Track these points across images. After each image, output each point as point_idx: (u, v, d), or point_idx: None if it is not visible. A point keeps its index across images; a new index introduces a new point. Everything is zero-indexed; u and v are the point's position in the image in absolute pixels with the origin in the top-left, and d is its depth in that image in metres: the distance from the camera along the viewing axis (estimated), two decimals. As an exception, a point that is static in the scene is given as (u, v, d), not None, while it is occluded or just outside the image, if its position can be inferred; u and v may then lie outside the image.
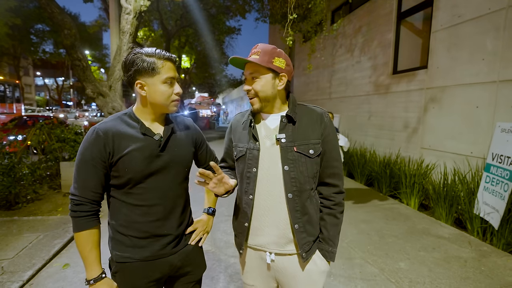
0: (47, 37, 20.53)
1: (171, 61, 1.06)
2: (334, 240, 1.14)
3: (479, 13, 3.80)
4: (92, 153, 1.00)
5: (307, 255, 1.11)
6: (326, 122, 1.13)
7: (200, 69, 24.00)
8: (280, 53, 1.10)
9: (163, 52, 1.04)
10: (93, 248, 1.03)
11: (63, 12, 4.86)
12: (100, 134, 1.01)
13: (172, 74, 1.05)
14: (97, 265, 1.03)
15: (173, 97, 1.07)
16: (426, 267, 2.66)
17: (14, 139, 5.09)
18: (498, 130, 3.31)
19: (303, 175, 1.09)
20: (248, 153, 1.15)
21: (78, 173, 1.01)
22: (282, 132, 1.11)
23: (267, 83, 1.08)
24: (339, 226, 1.16)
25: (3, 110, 12.59)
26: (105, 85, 5.19)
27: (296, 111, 1.14)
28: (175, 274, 1.18)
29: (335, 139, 1.15)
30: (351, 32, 6.99)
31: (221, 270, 2.58)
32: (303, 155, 1.09)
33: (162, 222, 1.09)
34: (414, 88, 4.93)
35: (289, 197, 1.09)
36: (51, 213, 3.86)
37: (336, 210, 1.14)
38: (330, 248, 1.14)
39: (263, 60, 1.06)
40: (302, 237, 1.10)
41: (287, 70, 1.11)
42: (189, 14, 13.75)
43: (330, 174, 1.15)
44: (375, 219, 3.81)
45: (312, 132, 1.11)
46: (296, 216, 1.10)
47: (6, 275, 2.37)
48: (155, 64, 1.01)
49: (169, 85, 1.05)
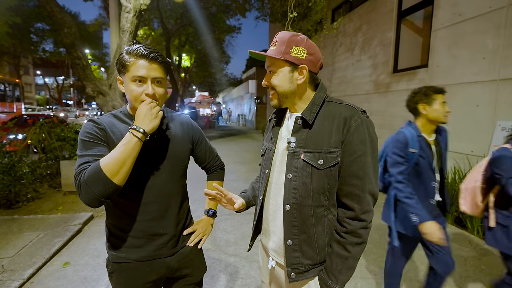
0: (47, 36, 20.51)
1: (146, 58, 0.95)
2: (338, 275, 0.92)
3: (480, 12, 3.79)
4: (90, 134, 0.97)
5: (297, 277, 0.97)
6: (352, 127, 0.90)
7: (200, 68, 23.96)
8: (300, 40, 0.94)
9: (142, 49, 0.96)
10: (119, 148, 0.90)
11: (63, 10, 4.86)
12: (96, 121, 1.01)
13: (141, 73, 0.95)
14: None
15: (142, 97, 0.97)
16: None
17: (14, 138, 5.10)
18: (499, 128, 3.30)
19: (307, 187, 0.94)
20: (266, 153, 1.10)
21: (81, 152, 0.96)
22: (295, 135, 0.97)
23: (284, 77, 0.95)
24: (350, 260, 0.92)
25: (3, 109, 12.59)
26: (105, 84, 5.19)
27: (317, 111, 0.96)
28: (173, 276, 1.15)
29: (362, 151, 0.90)
30: (352, 31, 6.97)
31: (221, 269, 2.58)
32: (310, 165, 0.93)
33: (158, 221, 1.07)
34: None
35: (287, 209, 0.97)
36: (52, 211, 3.87)
37: (347, 240, 0.91)
38: (330, 282, 0.93)
39: (279, 51, 0.93)
40: (294, 256, 0.97)
41: (309, 60, 0.94)
42: (189, 13, 13.71)
43: (347, 194, 0.92)
44: (375, 217, 3.80)
45: (329, 139, 0.92)
46: (292, 231, 0.97)
47: (7, 274, 2.38)
48: (126, 61, 0.96)
49: (138, 84, 0.97)
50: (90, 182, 0.85)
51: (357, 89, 6.68)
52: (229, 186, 5.27)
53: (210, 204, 1.30)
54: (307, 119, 0.95)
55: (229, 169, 6.75)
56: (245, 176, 6.11)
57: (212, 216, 1.30)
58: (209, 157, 1.31)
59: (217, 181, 1.36)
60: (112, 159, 0.86)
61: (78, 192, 0.88)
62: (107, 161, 0.86)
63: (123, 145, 0.88)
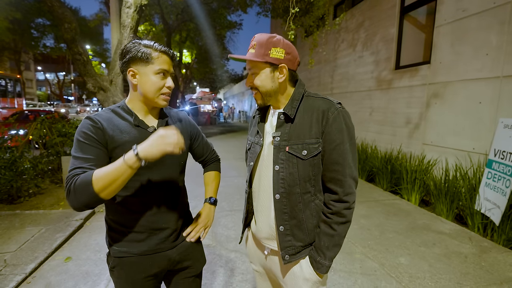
0: (47, 31, 20.40)
1: (167, 54, 1.03)
2: (326, 251, 1.03)
3: (484, 8, 3.74)
4: (86, 135, 0.95)
5: (291, 258, 1.06)
6: (330, 118, 0.99)
7: (201, 64, 23.85)
8: (277, 42, 1.00)
9: (161, 45, 1.03)
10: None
11: (63, 5, 4.83)
12: (94, 120, 0.99)
13: (166, 67, 1.02)
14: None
15: (163, 90, 1.03)
16: (426, 262, 2.67)
17: (15, 133, 5.11)
18: (501, 126, 3.28)
19: (293, 177, 1.02)
20: (252, 146, 1.16)
21: (75, 152, 0.95)
22: (279, 130, 1.05)
23: (266, 78, 1.02)
24: (336, 238, 1.02)
25: (4, 104, 12.59)
26: (106, 80, 5.17)
27: (297, 106, 1.04)
28: (174, 269, 1.17)
29: (340, 139, 0.99)
30: (354, 27, 6.92)
31: (222, 265, 2.59)
32: (295, 156, 1.01)
33: (158, 216, 1.09)
34: (417, 83, 4.89)
35: (277, 198, 1.05)
36: (53, 207, 3.89)
37: (332, 220, 1.01)
38: (318, 258, 1.03)
39: (258, 53, 1.00)
40: (286, 240, 1.06)
41: (287, 59, 1.02)
42: (190, 8, 13.62)
43: (330, 179, 1.02)
44: (376, 214, 3.82)
45: (310, 131, 1.01)
46: (283, 218, 1.05)
47: (9, 268, 2.39)
48: (150, 54, 1.00)
49: (162, 76, 1.02)
50: (78, 191, 0.86)
51: (359, 85, 6.65)
52: (230, 182, 5.28)
53: (210, 192, 1.32)
54: (289, 114, 1.03)
55: (231, 165, 6.76)
56: (246, 172, 6.11)
57: (214, 204, 1.30)
58: (206, 152, 1.34)
59: (215, 171, 1.37)
60: (104, 174, 0.84)
61: (66, 194, 0.88)
62: (99, 176, 0.85)
63: (118, 165, 0.85)
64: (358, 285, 2.33)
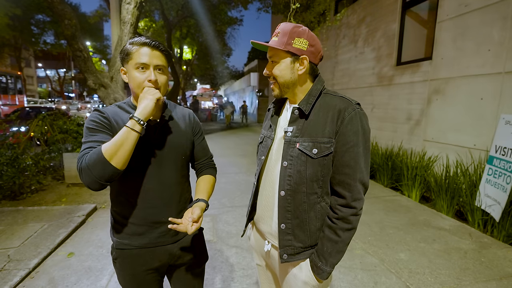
0: (47, 27, 20.37)
1: (149, 46, 0.99)
2: (328, 257, 0.98)
3: (486, 3, 3.71)
4: (95, 122, 1.01)
5: (289, 258, 1.03)
6: (346, 118, 0.94)
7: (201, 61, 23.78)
8: (302, 32, 0.96)
9: (144, 38, 1.00)
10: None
11: (63, 2, 4.81)
12: (101, 111, 1.06)
13: (145, 60, 0.98)
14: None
15: (145, 84, 1.00)
16: (426, 258, 2.68)
17: (17, 130, 5.12)
18: (502, 122, 3.28)
19: (301, 175, 0.98)
20: (264, 140, 1.14)
21: (85, 138, 1.00)
22: (292, 125, 1.02)
23: (286, 68, 0.98)
24: (339, 244, 0.97)
25: (5, 101, 12.63)
26: (106, 76, 5.17)
27: (313, 102, 1.00)
28: (175, 263, 1.18)
29: (354, 141, 0.94)
30: (355, 23, 6.87)
31: (223, 260, 2.61)
32: (304, 154, 0.97)
33: (159, 209, 1.09)
34: (418, 79, 4.87)
35: (281, 195, 1.02)
36: (55, 203, 3.91)
37: (338, 226, 0.96)
38: (320, 264, 0.99)
39: (281, 42, 0.96)
40: (286, 239, 1.02)
41: (310, 51, 0.97)
42: (190, 4, 13.54)
43: (339, 182, 0.97)
44: (376, 210, 3.83)
45: (323, 129, 0.96)
46: (286, 216, 1.02)
47: (13, 263, 2.42)
48: (129, 50, 1.00)
49: (141, 71, 1.00)
50: (91, 164, 0.88)
51: (360, 81, 6.63)
52: (231, 178, 5.30)
53: (201, 193, 1.16)
54: (304, 109, 1.00)
55: (231, 161, 6.77)
56: (246, 168, 6.13)
57: (205, 203, 1.12)
58: (203, 156, 1.26)
59: (210, 175, 1.25)
60: (111, 142, 0.90)
61: (80, 175, 0.91)
62: (107, 145, 0.90)
63: (122, 131, 0.92)
64: (358, 280, 2.35)
